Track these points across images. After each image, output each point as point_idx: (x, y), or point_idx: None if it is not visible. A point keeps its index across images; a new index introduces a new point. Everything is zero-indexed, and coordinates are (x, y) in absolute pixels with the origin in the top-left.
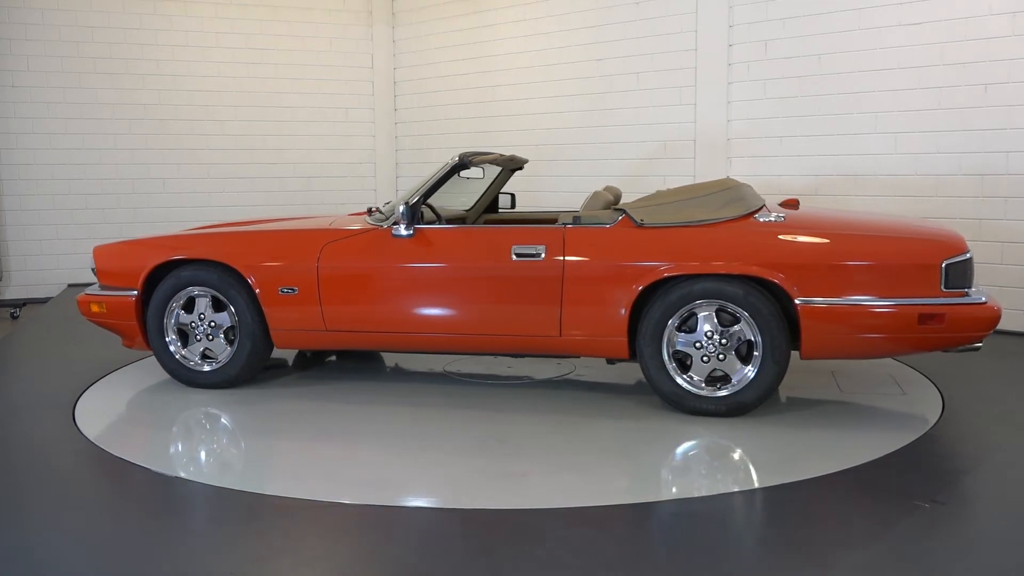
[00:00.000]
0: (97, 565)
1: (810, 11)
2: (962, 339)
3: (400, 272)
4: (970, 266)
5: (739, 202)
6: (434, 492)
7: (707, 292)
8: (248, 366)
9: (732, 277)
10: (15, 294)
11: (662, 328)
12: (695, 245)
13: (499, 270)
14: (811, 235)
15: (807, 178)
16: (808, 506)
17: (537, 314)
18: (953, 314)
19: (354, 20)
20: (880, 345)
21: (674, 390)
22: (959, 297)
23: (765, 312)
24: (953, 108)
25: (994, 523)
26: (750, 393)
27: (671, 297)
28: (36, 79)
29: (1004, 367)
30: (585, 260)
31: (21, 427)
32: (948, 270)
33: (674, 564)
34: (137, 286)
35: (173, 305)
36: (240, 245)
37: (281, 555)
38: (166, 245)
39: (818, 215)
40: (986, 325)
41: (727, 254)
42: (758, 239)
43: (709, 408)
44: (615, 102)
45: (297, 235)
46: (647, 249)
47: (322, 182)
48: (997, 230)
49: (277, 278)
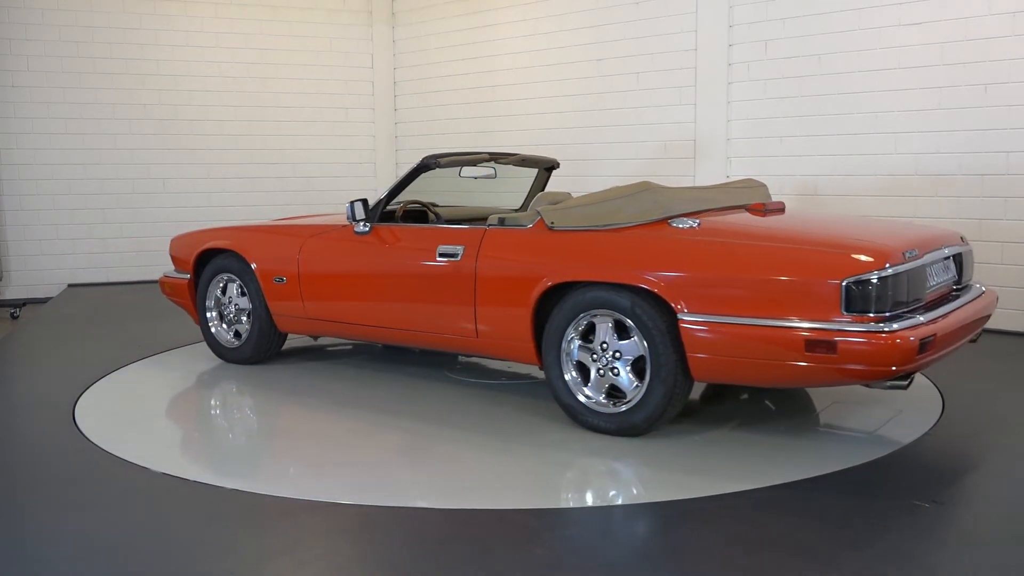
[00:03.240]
0: (97, 565)
1: (810, 11)
2: (865, 374)
3: (354, 267)
4: (890, 285)
5: (653, 207)
6: (434, 492)
7: (597, 301)
8: (259, 347)
9: (622, 287)
10: (15, 294)
11: (560, 336)
12: (590, 251)
13: (424, 269)
14: (710, 245)
15: (807, 178)
16: (808, 506)
17: (456, 314)
18: (848, 343)
19: (354, 20)
20: (772, 372)
21: (570, 402)
22: (860, 323)
23: (651, 326)
24: (953, 108)
25: (994, 523)
26: (639, 414)
27: (567, 304)
28: (36, 79)
29: (1004, 367)
30: (495, 262)
31: (21, 427)
32: (850, 290)
33: (674, 564)
34: (189, 270)
35: (213, 289)
36: (250, 238)
37: (281, 555)
38: (207, 236)
39: (738, 222)
40: (887, 360)
41: (618, 262)
42: (653, 248)
43: (600, 425)
44: (615, 102)
45: (289, 230)
46: (549, 253)
47: (322, 182)
48: (997, 230)
49: (273, 269)
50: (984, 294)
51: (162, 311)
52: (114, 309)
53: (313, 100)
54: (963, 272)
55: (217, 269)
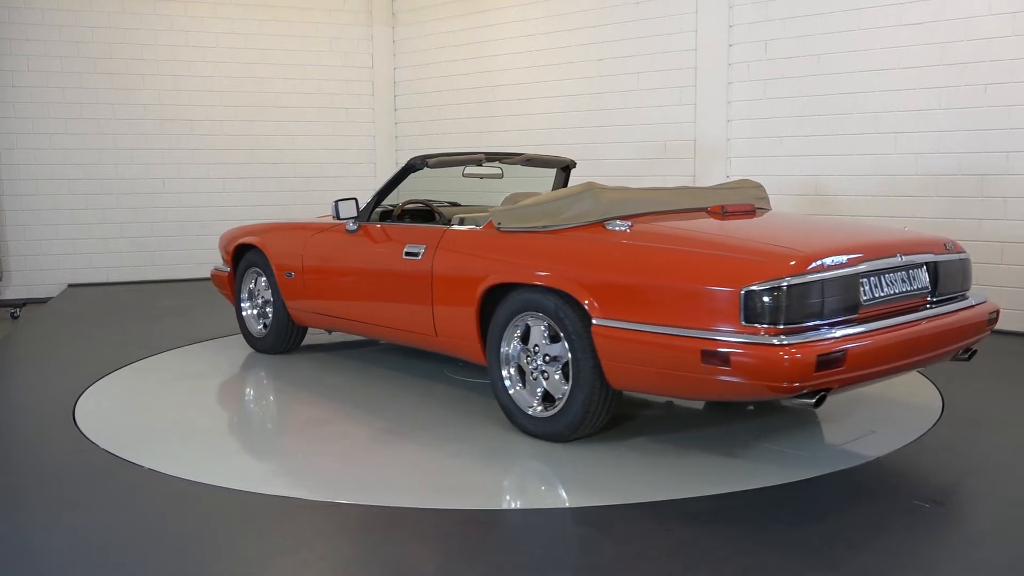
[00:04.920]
0: (97, 565)
1: (810, 11)
2: (760, 389)
3: (342, 264)
4: (794, 296)
5: (591, 209)
6: (434, 492)
7: (529, 304)
8: (278, 338)
9: (548, 290)
10: (15, 294)
11: (500, 337)
12: (526, 253)
13: (393, 267)
14: (625, 249)
15: (807, 178)
16: (808, 506)
17: (418, 313)
18: (739, 356)
19: (354, 20)
20: (677, 383)
21: (506, 403)
22: (753, 335)
23: (571, 330)
24: (953, 108)
25: (994, 523)
26: (561, 420)
27: (505, 306)
28: (36, 79)
29: (1004, 367)
30: (448, 262)
31: (21, 427)
32: (748, 300)
33: (674, 564)
34: (229, 264)
35: (247, 281)
36: (272, 234)
37: (281, 555)
38: (242, 232)
39: (675, 226)
40: (778, 376)
41: (545, 265)
42: (574, 250)
43: (529, 428)
44: (615, 102)
45: (299, 227)
46: (493, 254)
47: (322, 182)
48: (997, 230)
49: (285, 264)
50: (971, 308)
51: (162, 311)
52: (114, 309)
53: (313, 100)
54: (939, 282)
55: (248, 263)
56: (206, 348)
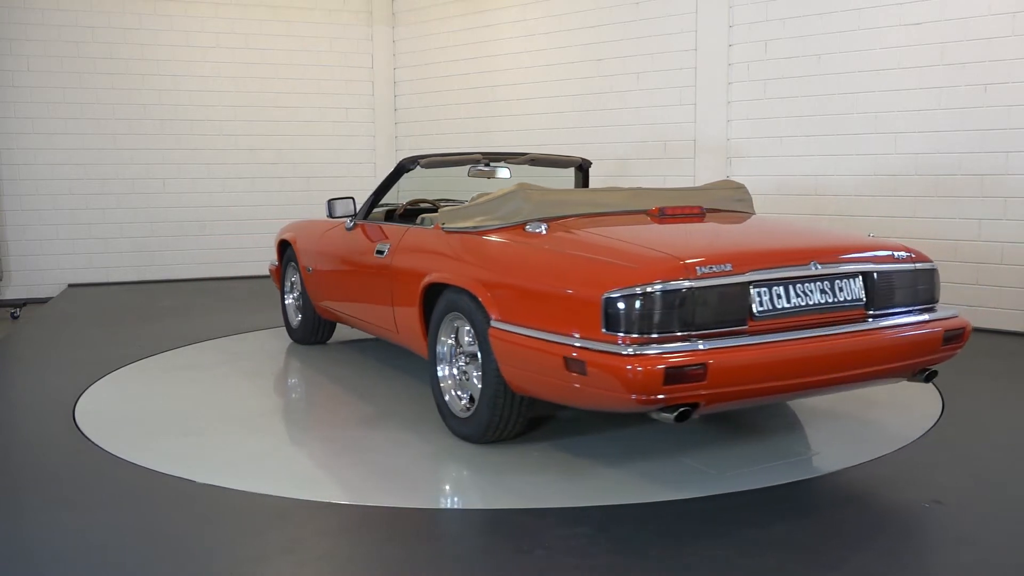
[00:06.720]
0: (97, 565)
1: (810, 11)
2: (613, 400)
3: (340, 261)
4: (656, 303)
5: (517, 210)
6: (434, 492)
7: (451, 304)
8: (306, 330)
9: (463, 290)
10: (15, 294)
11: (435, 336)
12: (456, 253)
13: (369, 264)
14: (521, 252)
15: (807, 178)
16: (808, 506)
17: (384, 309)
18: (594, 365)
19: (354, 20)
20: (555, 390)
21: (438, 400)
22: (608, 343)
23: (479, 330)
24: (953, 108)
25: (994, 523)
26: (472, 422)
27: (439, 305)
28: (36, 79)
29: (1004, 367)
30: (403, 260)
31: (21, 427)
32: (608, 307)
33: (674, 564)
34: (277, 258)
35: (290, 274)
36: (302, 231)
37: (281, 555)
38: (286, 229)
39: (589, 229)
40: (625, 387)
41: (463, 266)
42: (483, 252)
43: (452, 427)
44: (615, 102)
45: (318, 224)
46: (435, 254)
47: (322, 182)
48: (997, 230)
49: (306, 260)
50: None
51: (162, 311)
52: (114, 309)
53: (313, 100)
54: (876, 295)
55: (288, 258)
56: (206, 348)
